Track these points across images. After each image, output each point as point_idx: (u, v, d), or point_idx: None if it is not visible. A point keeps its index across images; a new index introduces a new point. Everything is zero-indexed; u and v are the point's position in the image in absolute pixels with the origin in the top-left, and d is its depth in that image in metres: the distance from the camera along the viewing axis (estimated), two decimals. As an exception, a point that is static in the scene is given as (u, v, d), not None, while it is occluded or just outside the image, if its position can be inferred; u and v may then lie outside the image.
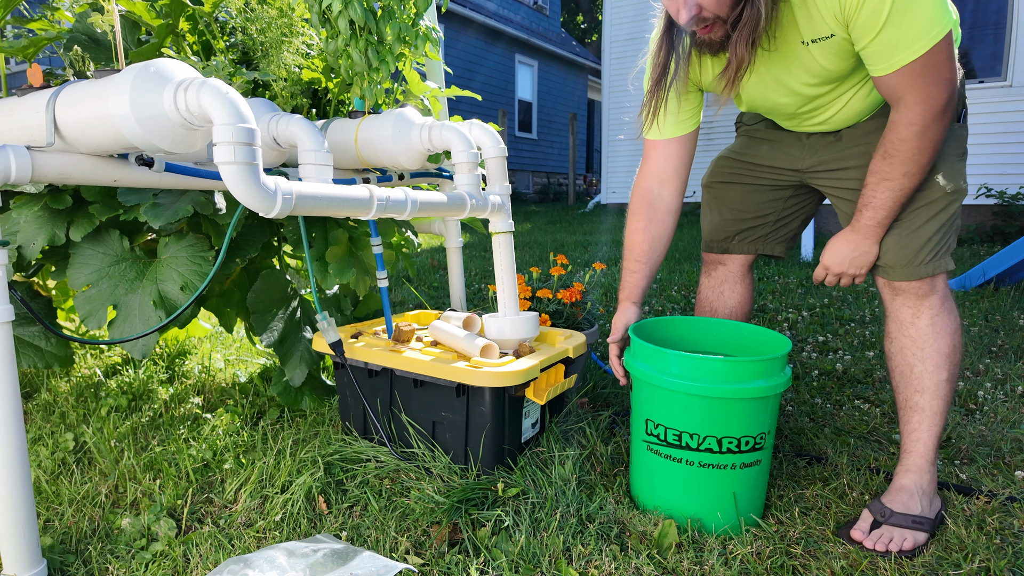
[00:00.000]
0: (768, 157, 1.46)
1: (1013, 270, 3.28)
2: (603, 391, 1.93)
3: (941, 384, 1.23)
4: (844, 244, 1.26)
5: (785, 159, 1.43)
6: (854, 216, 1.24)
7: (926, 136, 1.12)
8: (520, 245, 5.39)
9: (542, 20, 15.67)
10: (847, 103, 1.26)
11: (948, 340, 1.22)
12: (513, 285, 1.50)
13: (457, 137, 1.39)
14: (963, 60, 5.64)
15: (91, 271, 1.44)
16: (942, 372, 1.22)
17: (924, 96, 1.10)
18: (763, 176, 1.48)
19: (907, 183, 1.16)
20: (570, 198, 11.67)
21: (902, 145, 1.14)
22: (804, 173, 1.42)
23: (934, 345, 1.22)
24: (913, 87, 1.10)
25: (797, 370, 2.14)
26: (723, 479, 1.20)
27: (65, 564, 1.13)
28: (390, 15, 1.50)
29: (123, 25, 1.66)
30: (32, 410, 1.81)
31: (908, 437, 1.26)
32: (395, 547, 1.15)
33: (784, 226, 1.53)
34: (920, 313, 1.23)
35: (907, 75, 1.09)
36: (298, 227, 1.59)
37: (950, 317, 1.23)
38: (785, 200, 1.49)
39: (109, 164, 1.10)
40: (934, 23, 1.05)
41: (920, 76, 1.08)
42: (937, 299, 1.22)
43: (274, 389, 1.71)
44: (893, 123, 1.15)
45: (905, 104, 1.12)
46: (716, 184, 1.55)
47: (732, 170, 1.52)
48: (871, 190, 1.20)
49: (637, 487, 1.32)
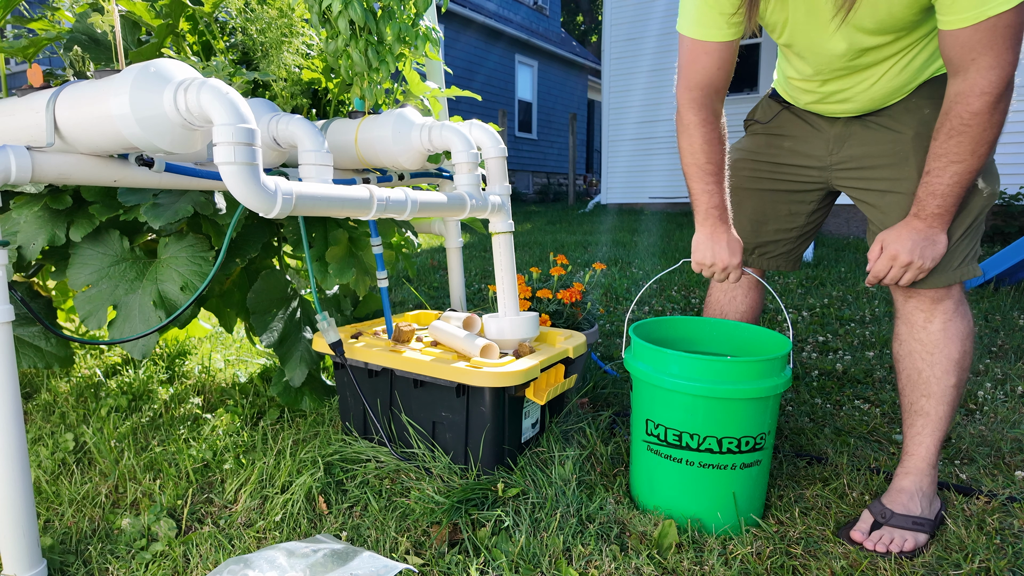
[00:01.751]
0: (791, 155, 1.36)
1: (1013, 270, 3.28)
2: (603, 391, 1.93)
3: (949, 390, 1.19)
4: (911, 233, 1.13)
5: (809, 157, 1.34)
6: (915, 205, 1.13)
7: (998, 109, 1.02)
8: (520, 245, 5.39)
9: (542, 20, 15.67)
10: (885, 73, 1.18)
11: (959, 346, 1.18)
12: (513, 285, 1.50)
13: (457, 137, 1.39)
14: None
15: (91, 271, 1.44)
16: (951, 378, 1.19)
17: (1001, 60, 0.99)
18: (786, 178, 1.38)
19: (976, 163, 1.06)
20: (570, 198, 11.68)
21: (973, 120, 1.02)
22: (829, 171, 1.33)
23: (944, 351, 1.18)
24: (993, 48, 0.98)
25: (797, 370, 2.14)
26: (723, 479, 1.20)
27: (65, 564, 1.13)
28: (390, 15, 1.51)
29: (123, 25, 1.66)
30: (32, 410, 1.81)
31: (911, 440, 1.24)
32: (395, 547, 1.15)
33: (805, 241, 1.47)
34: (933, 317, 1.19)
35: (990, 31, 0.97)
36: (298, 227, 1.59)
37: (963, 322, 1.19)
38: (808, 215, 1.40)
39: (109, 164, 1.10)
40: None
41: (1003, 35, 0.97)
42: (952, 303, 1.18)
43: (274, 389, 1.71)
44: (961, 94, 1.03)
45: (978, 69, 1.00)
46: (736, 190, 1.40)
47: (753, 174, 1.41)
48: (936, 176, 1.08)
49: (637, 487, 1.32)
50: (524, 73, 14.10)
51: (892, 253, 1.14)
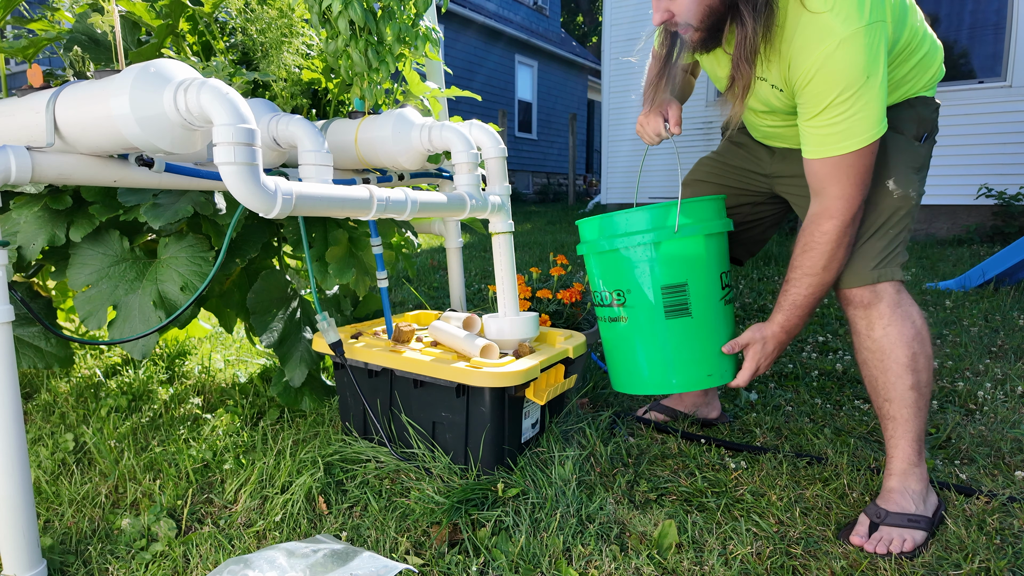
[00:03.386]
0: (742, 160, 1.53)
1: (1013, 270, 3.28)
2: (603, 391, 1.93)
3: (906, 392, 1.22)
4: (778, 346, 1.30)
5: (756, 163, 1.50)
6: (780, 314, 1.27)
7: (847, 232, 1.18)
8: (520, 245, 5.39)
9: (542, 20, 15.67)
10: None
11: (905, 350, 1.21)
12: (513, 285, 1.50)
13: (457, 137, 1.39)
14: (963, 60, 5.66)
15: (91, 271, 1.44)
16: (904, 381, 1.22)
17: (847, 193, 1.15)
18: (736, 178, 1.54)
19: (828, 278, 1.21)
20: (570, 198, 11.68)
21: (823, 238, 1.18)
22: (771, 179, 1.48)
23: (892, 355, 1.22)
24: (839, 181, 1.15)
25: (797, 370, 2.14)
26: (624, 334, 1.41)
27: (65, 564, 1.13)
28: (390, 15, 1.51)
29: (123, 25, 1.66)
30: (32, 410, 1.81)
31: (888, 443, 1.28)
32: (395, 547, 1.15)
33: (748, 230, 1.59)
34: (873, 324, 1.23)
35: (835, 167, 1.14)
36: (298, 227, 1.59)
37: (904, 325, 1.21)
38: (753, 207, 1.56)
39: (109, 164, 1.10)
40: (873, 125, 1.10)
41: (847, 173, 1.14)
42: (886, 308, 1.22)
43: (274, 389, 1.71)
44: (815, 215, 1.19)
45: (828, 196, 1.16)
46: (693, 182, 1.61)
47: (710, 170, 1.59)
48: (795, 286, 1.24)
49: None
50: (524, 73, 14.10)
51: (756, 367, 1.30)
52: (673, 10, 1.17)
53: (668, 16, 1.19)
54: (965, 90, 5.46)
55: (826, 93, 1.09)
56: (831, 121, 1.11)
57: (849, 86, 1.07)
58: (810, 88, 1.11)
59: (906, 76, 1.24)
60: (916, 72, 1.25)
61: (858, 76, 1.06)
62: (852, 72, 1.06)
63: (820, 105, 1.11)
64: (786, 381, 2.06)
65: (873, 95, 1.08)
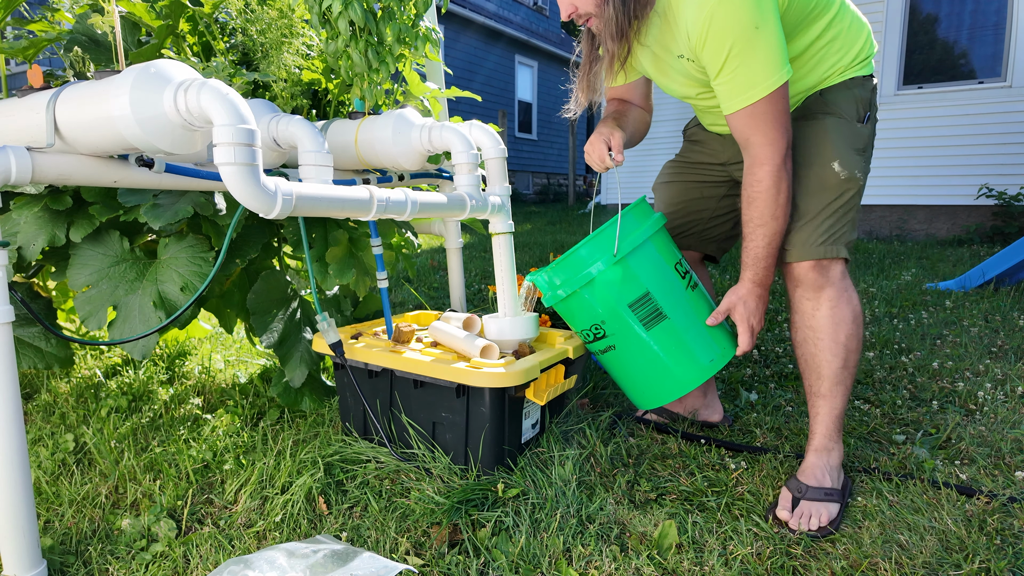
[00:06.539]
0: (700, 154, 1.59)
1: (1013, 270, 3.28)
2: (603, 391, 1.93)
3: (838, 371, 1.29)
4: (757, 302, 1.33)
5: (711, 155, 1.56)
6: (748, 271, 1.31)
7: (780, 174, 1.22)
8: (520, 246, 5.39)
9: (542, 21, 15.69)
10: None
11: (845, 329, 1.28)
12: (513, 286, 1.50)
13: (457, 138, 1.39)
14: (963, 60, 5.65)
15: (91, 272, 1.44)
16: (839, 359, 1.29)
17: (770, 138, 1.20)
18: (698, 173, 1.59)
19: (779, 226, 1.25)
20: (570, 199, 11.68)
21: (760, 185, 1.22)
22: (727, 166, 1.53)
23: (832, 334, 1.28)
24: (759, 129, 1.20)
25: (797, 370, 2.14)
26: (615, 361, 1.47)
27: (65, 565, 1.13)
28: (390, 16, 1.51)
29: (123, 26, 1.66)
30: (32, 411, 1.81)
31: (813, 420, 1.34)
32: (395, 548, 1.15)
33: (718, 225, 1.61)
34: (820, 305, 1.29)
35: (750, 117, 1.19)
36: (298, 228, 1.59)
37: (848, 307, 1.28)
38: (718, 199, 1.59)
39: (109, 165, 1.10)
40: (775, 70, 1.15)
41: (763, 119, 1.19)
42: (834, 291, 1.28)
43: (274, 390, 1.71)
44: (748, 167, 1.24)
45: (754, 145, 1.22)
46: (660, 185, 1.67)
47: (673, 170, 1.65)
48: (752, 241, 1.28)
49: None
50: (524, 73, 14.11)
51: (750, 326, 1.34)
52: (575, 3, 1.24)
53: (573, 10, 1.25)
54: (965, 90, 5.46)
55: (720, 50, 1.14)
56: (732, 74, 1.16)
57: (739, 38, 1.12)
58: (707, 49, 1.16)
59: (820, 45, 1.28)
60: (835, 45, 1.29)
61: (746, 27, 1.11)
62: (739, 24, 1.11)
63: (719, 62, 1.16)
64: (786, 381, 2.06)
65: (768, 42, 1.13)
